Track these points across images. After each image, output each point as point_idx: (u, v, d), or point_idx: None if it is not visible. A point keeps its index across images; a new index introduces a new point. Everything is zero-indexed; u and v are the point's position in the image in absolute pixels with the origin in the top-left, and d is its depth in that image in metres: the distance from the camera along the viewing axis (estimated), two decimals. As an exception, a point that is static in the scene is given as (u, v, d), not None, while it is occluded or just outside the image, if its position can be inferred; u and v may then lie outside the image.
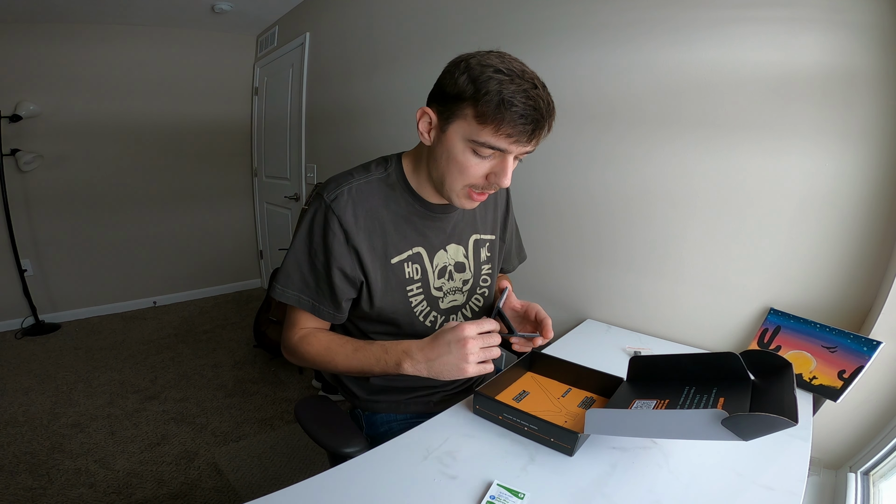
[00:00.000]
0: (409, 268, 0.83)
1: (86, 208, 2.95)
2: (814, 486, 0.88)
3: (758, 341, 1.02)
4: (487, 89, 0.63)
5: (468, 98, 0.65)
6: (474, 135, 0.67)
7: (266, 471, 1.62)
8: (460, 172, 0.71)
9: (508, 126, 0.64)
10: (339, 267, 0.77)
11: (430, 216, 0.84)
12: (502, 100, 0.62)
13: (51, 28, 2.62)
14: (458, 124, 0.68)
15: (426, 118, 0.73)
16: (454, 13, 1.69)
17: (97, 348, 2.59)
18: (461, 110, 0.67)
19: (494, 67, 0.64)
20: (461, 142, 0.68)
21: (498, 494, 0.61)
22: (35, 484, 1.51)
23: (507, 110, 0.63)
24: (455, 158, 0.70)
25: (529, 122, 0.64)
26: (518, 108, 0.63)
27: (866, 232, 0.90)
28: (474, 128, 0.66)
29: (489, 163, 0.70)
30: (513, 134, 0.65)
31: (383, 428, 0.91)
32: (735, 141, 1.05)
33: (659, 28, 1.14)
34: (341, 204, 0.76)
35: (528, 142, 0.67)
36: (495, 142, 0.66)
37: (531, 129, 0.65)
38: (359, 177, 0.80)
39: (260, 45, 3.35)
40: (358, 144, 2.28)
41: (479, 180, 0.72)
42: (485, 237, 0.94)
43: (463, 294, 0.92)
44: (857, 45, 0.87)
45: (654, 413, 0.63)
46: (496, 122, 0.64)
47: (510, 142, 0.66)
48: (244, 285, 3.75)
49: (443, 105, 0.70)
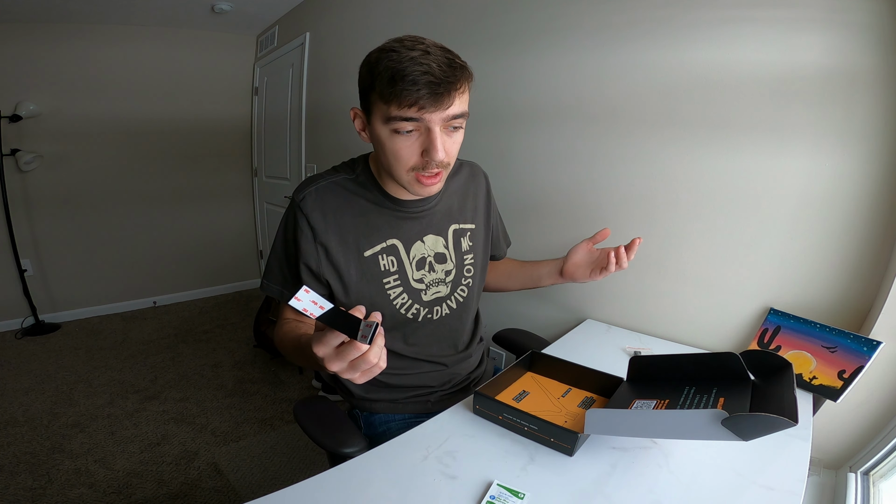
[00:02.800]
0: (384, 260, 0.84)
1: (86, 208, 2.95)
2: (814, 486, 0.88)
3: (758, 341, 1.02)
4: (379, 70, 0.66)
5: (369, 86, 0.69)
6: (385, 114, 0.68)
7: (266, 471, 1.62)
8: (396, 158, 0.72)
9: (407, 95, 0.64)
10: (305, 263, 0.81)
11: (401, 211, 0.85)
12: (393, 74, 0.64)
13: (51, 28, 2.62)
14: (375, 113, 0.70)
15: (359, 118, 0.76)
16: (454, 13, 1.69)
17: (97, 348, 2.59)
18: (371, 99, 0.70)
19: (389, 49, 0.66)
20: (383, 128, 0.70)
21: (498, 494, 0.61)
22: (35, 484, 1.51)
23: (400, 81, 0.64)
24: (385, 146, 0.71)
25: (423, 85, 0.64)
26: (409, 76, 0.63)
27: (866, 232, 0.90)
28: (384, 109, 0.68)
29: (417, 141, 0.70)
30: (414, 101, 0.64)
31: (381, 428, 0.91)
32: (735, 141, 1.05)
33: (659, 28, 1.14)
34: (309, 203, 0.80)
35: (437, 105, 0.66)
36: (403, 113, 0.66)
37: (429, 93, 0.64)
38: (328, 177, 0.84)
39: (260, 45, 3.35)
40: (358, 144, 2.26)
41: (416, 160, 0.71)
42: (465, 227, 0.95)
43: (447, 285, 0.91)
44: (857, 45, 0.87)
45: (654, 413, 0.63)
46: (395, 95, 0.65)
47: (417, 109, 0.65)
48: (244, 285, 3.75)
49: (363, 102, 0.74)
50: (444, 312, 0.92)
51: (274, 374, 2.33)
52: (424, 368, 0.92)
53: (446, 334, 0.94)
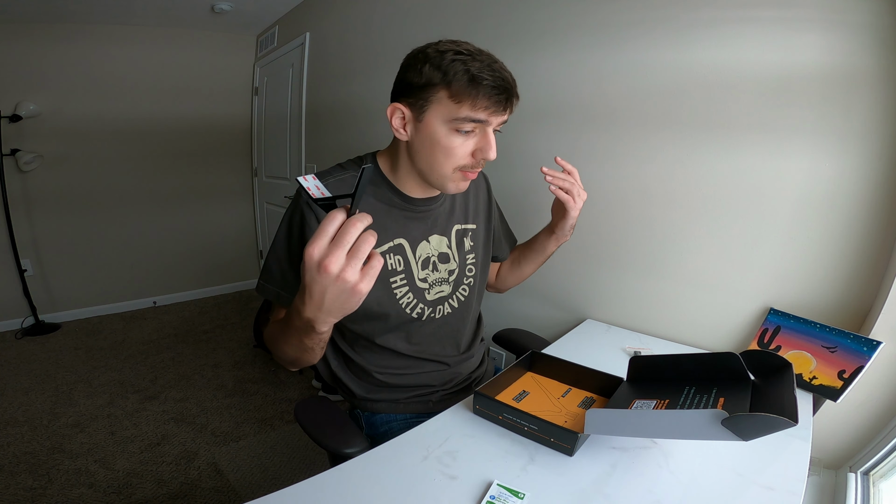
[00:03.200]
0: (391, 259, 0.84)
1: (86, 208, 2.95)
2: (814, 486, 0.88)
3: (758, 341, 1.02)
4: (455, 70, 0.68)
5: (438, 83, 0.70)
6: (453, 114, 0.70)
7: (266, 471, 1.62)
8: (447, 156, 0.74)
9: (484, 99, 0.69)
10: None
11: (410, 209, 0.86)
12: (472, 76, 0.68)
13: (51, 28, 2.62)
14: (435, 109, 0.72)
15: (398, 114, 0.76)
16: (454, 13, 1.69)
17: (97, 348, 2.59)
18: (433, 96, 0.71)
19: (453, 51, 0.70)
20: (442, 125, 0.72)
21: (498, 494, 0.61)
22: (35, 484, 1.51)
23: (479, 84, 0.68)
24: (439, 143, 0.73)
25: (501, 91, 0.70)
26: (488, 80, 0.68)
27: (866, 232, 0.90)
28: (451, 108, 0.70)
29: (472, 140, 0.74)
30: (489, 105, 0.70)
31: (383, 428, 0.91)
32: (735, 141, 1.05)
33: (659, 28, 1.14)
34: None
35: (505, 111, 0.72)
36: (475, 115, 0.70)
37: (504, 98, 0.71)
38: (336, 174, 0.83)
39: (260, 45, 3.35)
40: (358, 144, 2.28)
41: (467, 159, 0.75)
42: (467, 227, 0.96)
43: (449, 284, 0.92)
44: (857, 45, 0.87)
45: (654, 413, 0.63)
46: (471, 97, 0.69)
47: (488, 113, 0.71)
48: (244, 285, 3.75)
49: (413, 97, 0.73)
50: (447, 311, 0.92)
51: (274, 374, 2.33)
52: (427, 368, 0.93)
53: (448, 333, 0.94)
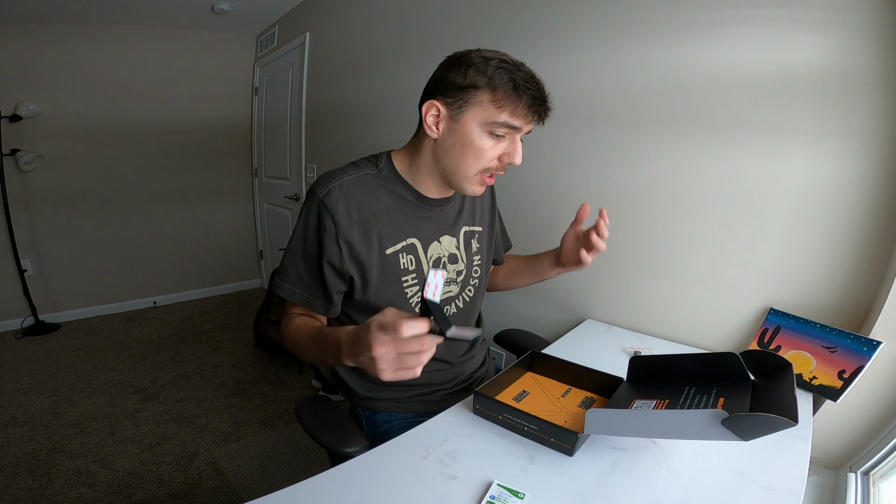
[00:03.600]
0: (404, 258, 0.85)
1: (86, 208, 2.95)
2: (814, 486, 0.88)
3: (758, 341, 1.02)
4: (501, 78, 0.72)
5: (482, 86, 0.73)
6: (492, 118, 0.73)
7: (266, 471, 1.62)
8: (477, 157, 0.76)
9: (524, 107, 0.73)
10: (329, 261, 0.80)
11: (424, 208, 0.86)
12: (517, 85, 0.72)
13: (51, 28, 2.62)
14: (474, 111, 0.74)
15: (434, 110, 0.77)
16: (455, 13, 1.69)
17: (97, 348, 2.59)
18: (475, 98, 0.73)
19: (498, 59, 0.73)
20: (477, 127, 0.75)
21: (498, 494, 0.61)
22: (35, 484, 1.51)
23: (523, 93, 0.72)
24: (472, 143, 0.76)
25: (541, 103, 0.74)
26: (532, 90, 0.72)
27: (866, 232, 0.90)
28: (491, 112, 0.73)
29: (502, 145, 0.77)
30: (528, 114, 0.74)
31: (384, 427, 0.92)
32: (735, 141, 1.05)
33: (659, 28, 1.14)
34: (333, 198, 0.79)
35: (539, 121, 0.77)
36: (513, 121, 0.74)
37: (543, 110, 0.75)
38: (350, 172, 0.83)
39: (260, 45, 3.35)
40: (358, 144, 2.28)
41: (493, 162, 0.78)
42: (474, 229, 0.97)
43: (457, 285, 0.93)
44: (857, 45, 0.87)
45: (654, 413, 0.63)
46: (514, 103, 0.72)
47: (526, 121, 0.75)
48: (244, 285, 3.75)
49: (452, 97, 0.75)
50: (452, 312, 0.93)
51: (274, 374, 2.33)
52: (430, 367, 0.92)
53: None
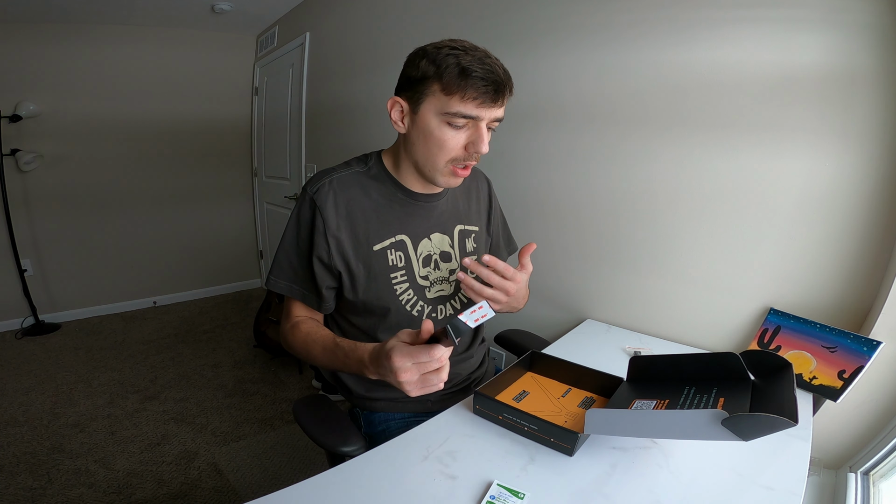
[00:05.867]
0: (392, 255, 0.85)
1: (86, 208, 2.95)
2: (814, 486, 0.88)
3: (758, 341, 1.02)
4: (447, 63, 0.70)
5: (432, 76, 0.72)
6: (445, 107, 0.72)
7: (266, 471, 1.62)
8: (440, 148, 0.75)
9: (472, 90, 0.70)
10: (318, 256, 0.81)
11: (412, 204, 0.87)
12: (462, 69, 0.69)
13: (51, 28, 2.62)
14: (429, 102, 0.74)
15: (397, 106, 0.78)
16: (454, 13, 1.69)
17: (97, 348, 2.59)
18: (428, 89, 0.73)
19: (448, 47, 0.72)
20: (435, 118, 0.74)
21: (498, 494, 0.61)
22: (35, 484, 1.51)
23: (468, 77, 0.69)
24: (432, 135, 0.75)
25: (490, 83, 0.70)
26: (477, 72, 0.69)
27: (866, 232, 0.90)
28: (443, 101, 0.72)
29: (465, 133, 0.75)
30: (478, 97, 0.70)
31: (381, 427, 0.92)
32: (735, 141, 1.05)
33: (659, 28, 1.14)
34: (322, 195, 0.81)
35: (493, 104, 0.72)
36: (465, 109, 0.71)
37: (493, 91, 0.71)
38: (340, 171, 0.85)
39: (260, 45, 3.35)
40: (358, 144, 2.28)
41: (458, 152, 0.76)
42: (470, 228, 0.96)
43: (450, 284, 0.92)
44: (857, 45, 0.87)
45: (654, 413, 0.63)
46: (461, 89, 0.70)
47: (477, 105, 0.71)
48: (244, 285, 3.75)
49: (410, 90, 0.76)
50: (449, 312, 0.92)
51: (274, 374, 2.33)
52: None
53: None
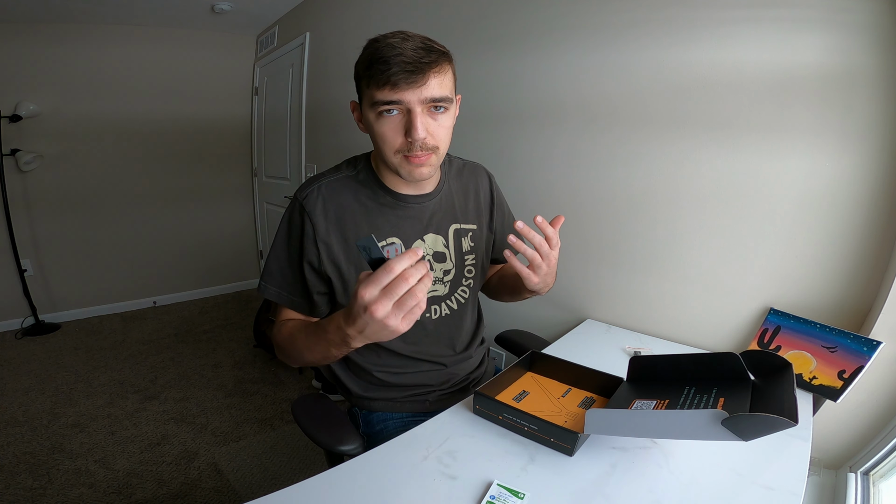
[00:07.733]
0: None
1: (86, 208, 2.95)
2: (814, 486, 0.88)
3: (758, 341, 1.02)
4: (362, 57, 0.72)
5: (360, 73, 0.74)
6: (371, 98, 0.72)
7: (266, 471, 1.62)
8: (383, 141, 0.75)
9: (381, 76, 0.68)
10: (308, 261, 0.82)
11: (402, 207, 0.86)
12: (370, 57, 0.70)
13: (51, 28, 2.62)
14: (364, 100, 0.75)
15: (356, 110, 0.80)
16: (454, 13, 1.69)
17: (97, 348, 2.59)
18: (361, 84, 0.75)
19: (373, 39, 0.72)
20: (370, 112, 0.74)
21: (498, 494, 0.61)
22: (35, 484, 1.51)
23: (375, 63, 0.69)
24: (373, 129, 0.75)
25: (395, 65, 0.67)
26: (383, 57, 0.68)
27: (866, 232, 0.90)
28: (368, 93, 0.72)
29: (401, 123, 0.72)
30: (388, 81, 0.68)
31: (379, 426, 0.92)
32: (735, 141, 1.05)
33: (659, 28, 1.14)
34: (311, 201, 0.81)
35: (410, 84, 0.68)
36: (382, 95, 0.70)
37: (404, 71, 0.67)
38: (329, 176, 0.85)
39: (260, 45, 3.35)
40: (358, 144, 2.28)
41: (401, 142, 0.73)
42: (466, 227, 0.94)
43: (444, 285, 0.91)
44: (857, 45, 0.87)
45: (654, 413, 0.63)
46: (373, 77, 0.69)
47: (391, 88, 0.69)
48: (244, 285, 3.75)
49: (358, 92, 0.78)
50: (444, 313, 0.92)
51: (274, 374, 2.33)
52: (423, 368, 0.92)
53: (445, 334, 0.94)
